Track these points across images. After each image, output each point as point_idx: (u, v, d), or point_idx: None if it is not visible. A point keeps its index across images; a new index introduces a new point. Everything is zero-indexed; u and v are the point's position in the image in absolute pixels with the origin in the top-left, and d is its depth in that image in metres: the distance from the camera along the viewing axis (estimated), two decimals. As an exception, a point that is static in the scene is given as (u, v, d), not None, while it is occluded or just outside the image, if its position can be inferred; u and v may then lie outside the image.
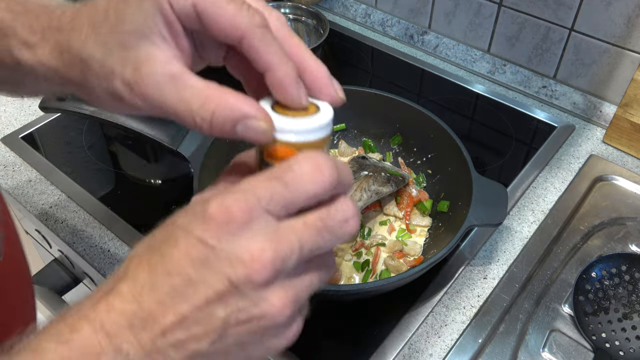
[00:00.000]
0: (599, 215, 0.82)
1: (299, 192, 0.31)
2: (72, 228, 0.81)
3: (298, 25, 1.12)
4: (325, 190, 0.31)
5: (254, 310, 0.30)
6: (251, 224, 0.30)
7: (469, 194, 0.69)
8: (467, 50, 1.09)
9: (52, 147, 0.94)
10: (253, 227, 0.30)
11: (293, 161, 0.31)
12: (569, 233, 0.80)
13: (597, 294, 0.70)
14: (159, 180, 0.91)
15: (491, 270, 0.75)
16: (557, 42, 0.97)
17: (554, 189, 0.86)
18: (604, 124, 0.97)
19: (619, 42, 0.90)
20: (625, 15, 0.87)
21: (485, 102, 1.03)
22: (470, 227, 0.67)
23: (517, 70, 1.05)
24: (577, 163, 0.90)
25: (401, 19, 1.17)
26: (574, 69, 0.98)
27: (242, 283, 0.29)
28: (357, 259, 0.74)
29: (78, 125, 0.97)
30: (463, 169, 0.73)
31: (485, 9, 1.03)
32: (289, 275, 0.31)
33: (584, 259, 0.76)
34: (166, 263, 0.30)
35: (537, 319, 0.70)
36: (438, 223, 0.78)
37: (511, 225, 0.81)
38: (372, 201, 0.75)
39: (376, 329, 0.68)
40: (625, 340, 0.67)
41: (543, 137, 0.95)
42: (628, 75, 0.92)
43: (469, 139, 0.96)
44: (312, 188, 0.31)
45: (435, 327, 0.69)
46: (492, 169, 0.90)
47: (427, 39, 1.14)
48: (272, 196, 0.30)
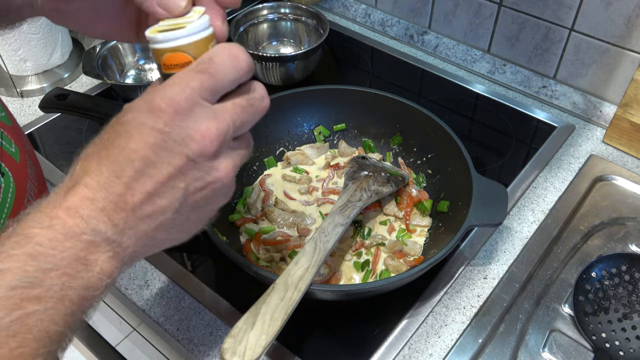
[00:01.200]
0: (599, 215, 0.82)
1: (224, 79, 0.38)
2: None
3: (298, 25, 1.12)
4: (245, 73, 0.39)
5: (208, 177, 0.38)
6: (193, 110, 0.36)
7: (469, 194, 0.69)
8: (467, 50, 1.09)
9: (52, 147, 0.94)
10: (195, 112, 0.36)
11: (212, 54, 0.38)
12: (569, 233, 0.80)
13: (597, 294, 0.70)
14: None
15: (491, 270, 0.75)
16: (557, 42, 0.97)
17: (554, 189, 0.86)
18: (604, 124, 0.97)
19: (619, 42, 0.90)
20: (625, 15, 0.87)
21: (485, 102, 1.03)
22: (470, 227, 0.67)
23: (517, 70, 1.05)
24: (577, 163, 0.90)
25: (401, 19, 1.17)
26: (574, 69, 0.98)
27: (197, 156, 0.37)
28: (357, 259, 0.74)
29: (78, 125, 0.97)
30: (463, 169, 0.73)
31: (485, 9, 1.03)
32: (229, 148, 0.39)
33: (584, 259, 0.76)
34: (126, 152, 0.35)
35: (537, 319, 0.70)
36: (438, 223, 0.78)
37: (511, 225, 0.81)
38: (372, 201, 0.75)
39: (376, 329, 0.68)
40: (625, 340, 0.67)
41: (543, 137, 0.95)
42: (628, 75, 0.92)
43: (469, 139, 0.96)
44: (234, 73, 0.38)
45: (435, 327, 0.69)
46: (492, 169, 0.90)
47: (427, 39, 1.14)
48: (202, 85, 0.37)
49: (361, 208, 0.73)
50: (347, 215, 0.70)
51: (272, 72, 1.02)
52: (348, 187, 0.76)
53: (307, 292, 0.58)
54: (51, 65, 1.06)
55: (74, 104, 0.81)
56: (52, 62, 1.06)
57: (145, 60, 1.08)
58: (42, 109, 0.83)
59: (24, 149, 0.53)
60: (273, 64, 1.00)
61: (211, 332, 0.69)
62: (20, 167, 0.50)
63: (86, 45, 1.17)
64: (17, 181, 0.48)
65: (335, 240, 0.65)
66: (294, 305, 0.56)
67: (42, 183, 0.56)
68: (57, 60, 1.07)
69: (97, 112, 0.79)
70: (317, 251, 0.63)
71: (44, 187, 0.58)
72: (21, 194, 0.48)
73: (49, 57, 1.05)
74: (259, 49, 1.12)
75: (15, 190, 0.47)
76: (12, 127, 0.53)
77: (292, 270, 0.59)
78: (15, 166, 0.49)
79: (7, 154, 0.48)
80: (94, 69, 0.97)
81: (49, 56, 1.05)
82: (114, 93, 1.04)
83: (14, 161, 0.49)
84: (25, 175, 0.50)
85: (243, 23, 1.09)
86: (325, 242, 0.65)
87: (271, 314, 0.54)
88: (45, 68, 1.06)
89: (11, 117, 0.54)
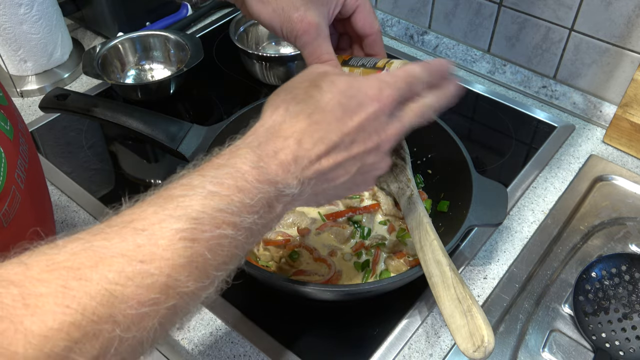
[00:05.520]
0: (599, 215, 0.82)
1: (415, 89, 0.49)
2: (72, 228, 0.81)
3: (298, 25, 1.12)
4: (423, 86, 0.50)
5: (382, 134, 0.47)
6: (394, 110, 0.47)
7: (469, 194, 0.69)
8: (467, 50, 1.09)
9: (52, 147, 0.94)
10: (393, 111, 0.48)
11: (410, 70, 0.49)
12: (569, 233, 0.80)
13: (597, 294, 0.70)
14: (159, 180, 0.91)
15: (491, 270, 0.75)
16: (557, 42, 0.97)
17: (554, 189, 0.86)
18: (604, 124, 0.97)
19: (619, 42, 0.90)
20: (625, 15, 0.87)
21: (485, 102, 1.03)
22: (470, 227, 0.67)
23: (517, 70, 1.05)
24: (577, 163, 0.90)
25: (401, 19, 1.17)
26: (574, 69, 0.98)
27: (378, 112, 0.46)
28: (357, 259, 0.74)
29: (78, 125, 0.97)
30: (463, 169, 0.73)
31: (485, 9, 1.03)
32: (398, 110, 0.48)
33: (584, 259, 0.76)
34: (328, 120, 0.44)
35: (537, 319, 0.70)
36: (438, 223, 0.77)
37: (511, 225, 0.81)
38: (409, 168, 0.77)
39: (376, 329, 0.68)
40: (625, 340, 0.67)
41: (543, 137, 0.95)
42: (628, 75, 0.92)
43: (469, 139, 0.96)
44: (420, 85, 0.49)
45: (435, 327, 0.69)
46: (492, 169, 0.90)
47: (427, 39, 1.14)
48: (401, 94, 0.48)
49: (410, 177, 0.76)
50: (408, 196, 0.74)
51: (272, 72, 1.02)
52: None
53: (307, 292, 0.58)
54: (51, 65, 1.06)
55: (74, 104, 0.81)
56: (52, 62, 1.06)
57: (145, 61, 1.08)
58: (42, 109, 0.83)
59: (18, 127, 0.55)
60: (273, 64, 1.00)
61: (211, 332, 0.69)
62: (14, 144, 0.52)
63: (86, 45, 1.17)
64: (8, 158, 0.50)
65: (422, 209, 0.70)
66: (457, 273, 0.60)
67: (33, 158, 0.59)
68: (57, 60, 1.07)
69: (97, 112, 0.79)
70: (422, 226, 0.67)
71: (37, 162, 0.61)
72: (12, 169, 0.50)
73: (49, 57, 1.05)
74: (259, 49, 1.12)
75: (7, 166, 0.49)
76: (8, 106, 0.55)
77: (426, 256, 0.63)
78: (9, 144, 0.51)
79: (1, 132, 0.50)
80: (94, 69, 0.97)
81: (49, 56, 1.05)
82: (114, 93, 1.04)
83: (8, 139, 0.51)
84: (17, 152, 0.53)
85: (243, 23, 1.09)
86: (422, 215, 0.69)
87: (457, 295, 0.57)
88: (45, 68, 1.06)
89: (7, 97, 0.56)
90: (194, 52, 1.01)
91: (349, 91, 0.45)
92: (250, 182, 0.40)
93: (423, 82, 0.49)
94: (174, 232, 0.35)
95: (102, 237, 0.34)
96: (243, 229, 0.39)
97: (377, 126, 0.46)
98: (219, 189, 0.38)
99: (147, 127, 0.76)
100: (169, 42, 1.06)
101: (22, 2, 0.95)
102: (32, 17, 0.98)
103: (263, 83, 1.06)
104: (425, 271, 0.62)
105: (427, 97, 0.50)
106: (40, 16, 0.99)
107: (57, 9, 1.04)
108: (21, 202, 0.52)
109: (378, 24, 0.61)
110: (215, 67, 1.11)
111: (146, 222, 0.35)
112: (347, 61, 0.60)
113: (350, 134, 0.45)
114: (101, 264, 0.32)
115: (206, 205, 0.37)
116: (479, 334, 0.54)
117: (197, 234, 0.36)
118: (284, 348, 0.67)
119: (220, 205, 0.38)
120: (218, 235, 0.37)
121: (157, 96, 1.01)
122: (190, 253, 0.35)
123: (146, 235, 0.35)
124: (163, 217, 0.36)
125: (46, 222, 0.62)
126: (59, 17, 1.05)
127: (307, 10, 0.55)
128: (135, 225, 0.35)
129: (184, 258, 0.35)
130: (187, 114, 1.03)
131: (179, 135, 0.75)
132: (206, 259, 0.36)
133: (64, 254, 0.32)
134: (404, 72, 0.48)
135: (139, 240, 0.34)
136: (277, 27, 0.56)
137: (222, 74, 1.10)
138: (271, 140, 0.43)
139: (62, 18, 1.06)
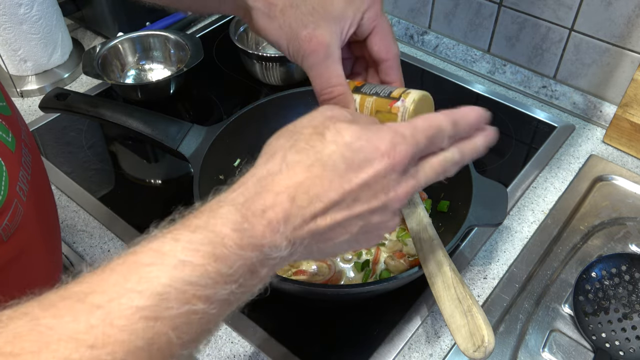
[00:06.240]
0: (599, 215, 0.82)
1: (437, 143, 0.43)
2: (72, 228, 0.81)
3: (298, 25, 1.12)
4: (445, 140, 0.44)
5: (390, 193, 0.40)
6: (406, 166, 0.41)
7: (469, 194, 0.69)
8: (467, 50, 1.09)
9: (52, 147, 0.94)
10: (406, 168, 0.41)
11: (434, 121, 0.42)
12: (569, 233, 0.80)
13: (597, 294, 0.70)
14: (159, 180, 0.91)
15: (491, 270, 0.75)
16: (557, 42, 0.97)
17: (554, 189, 0.86)
18: (604, 124, 0.97)
19: (619, 42, 0.90)
20: (625, 15, 0.87)
21: (485, 102, 1.03)
22: (470, 227, 0.67)
23: (517, 70, 1.05)
24: (577, 163, 0.90)
25: (401, 19, 1.17)
26: (574, 69, 0.98)
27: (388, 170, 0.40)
28: (357, 259, 0.74)
29: (78, 125, 0.97)
30: (463, 169, 0.73)
31: (485, 9, 1.03)
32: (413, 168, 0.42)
33: (584, 259, 0.76)
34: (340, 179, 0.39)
35: (537, 319, 0.70)
36: (438, 223, 0.77)
37: (511, 225, 0.81)
38: None
39: (376, 329, 0.68)
40: (625, 340, 0.67)
41: (543, 137, 0.95)
42: (628, 75, 0.92)
43: (469, 139, 0.96)
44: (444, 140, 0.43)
45: (435, 327, 0.69)
46: (492, 169, 0.90)
47: (427, 39, 1.14)
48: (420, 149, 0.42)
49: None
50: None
51: (272, 72, 1.02)
52: None
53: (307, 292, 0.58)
54: (51, 65, 1.06)
55: (74, 104, 0.81)
56: (52, 62, 1.06)
57: (145, 61, 1.08)
58: (42, 109, 0.83)
59: (21, 138, 0.53)
60: (273, 64, 1.00)
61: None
62: (15, 155, 0.50)
63: (86, 45, 1.17)
64: (9, 170, 0.48)
65: (422, 209, 0.70)
66: (457, 273, 0.59)
67: (37, 169, 0.57)
68: (57, 60, 1.07)
69: (97, 112, 0.79)
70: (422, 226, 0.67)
71: (42, 173, 0.60)
72: (13, 182, 0.48)
73: (49, 57, 1.05)
74: (259, 49, 1.12)
75: (8, 179, 0.48)
76: (12, 116, 0.53)
77: (426, 257, 0.63)
78: (10, 155, 0.49)
79: (2, 143, 0.49)
80: (94, 69, 0.97)
81: (49, 56, 1.05)
82: (114, 93, 1.04)
83: (9, 151, 0.49)
84: (19, 164, 0.51)
85: (243, 23, 1.09)
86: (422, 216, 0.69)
87: (457, 295, 0.57)
88: (45, 68, 1.06)
89: (11, 106, 0.54)
90: (194, 52, 1.01)
91: (356, 143, 0.39)
92: (229, 247, 0.35)
93: (448, 136, 0.43)
94: (134, 310, 0.31)
95: (53, 313, 0.30)
96: (217, 302, 0.34)
97: (386, 184, 0.40)
98: (191, 258, 0.34)
99: (147, 127, 0.76)
100: (169, 42, 1.06)
101: (22, 2, 0.96)
102: (32, 17, 0.98)
103: (263, 83, 1.06)
104: (425, 271, 0.62)
105: (450, 151, 0.44)
106: (40, 16, 0.99)
107: (57, 9, 1.04)
108: (24, 215, 0.49)
109: (396, 47, 0.55)
110: (215, 67, 1.11)
111: (104, 296, 0.31)
112: (359, 88, 0.54)
113: (352, 192, 0.39)
114: (45, 350, 0.29)
115: (175, 277, 0.33)
116: (479, 333, 0.54)
117: (160, 311, 0.32)
118: (284, 348, 0.67)
119: (191, 278, 0.33)
120: (186, 311, 0.33)
121: (157, 96, 1.01)
122: (151, 334, 0.31)
123: (102, 313, 0.31)
124: (124, 290, 0.32)
125: (51, 234, 0.60)
126: (59, 17, 1.05)
127: (316, 28, 0.49)
128: (92, 300, 0.31)
129: (144, 340, 0.31)
130: (187, 114, 1.03)
131: (179, 135, 0.75)
132: (170, 339, 0.32)
133: (5, 335, 0.29)
134: (426, 122, 0.42)
135: (93, 320, 0.30)
136: (283, 46, 0.51)
137: (222, 74, 1.10)
138: (260, 196, 0.37)
139: (62, 18, 1.06)
